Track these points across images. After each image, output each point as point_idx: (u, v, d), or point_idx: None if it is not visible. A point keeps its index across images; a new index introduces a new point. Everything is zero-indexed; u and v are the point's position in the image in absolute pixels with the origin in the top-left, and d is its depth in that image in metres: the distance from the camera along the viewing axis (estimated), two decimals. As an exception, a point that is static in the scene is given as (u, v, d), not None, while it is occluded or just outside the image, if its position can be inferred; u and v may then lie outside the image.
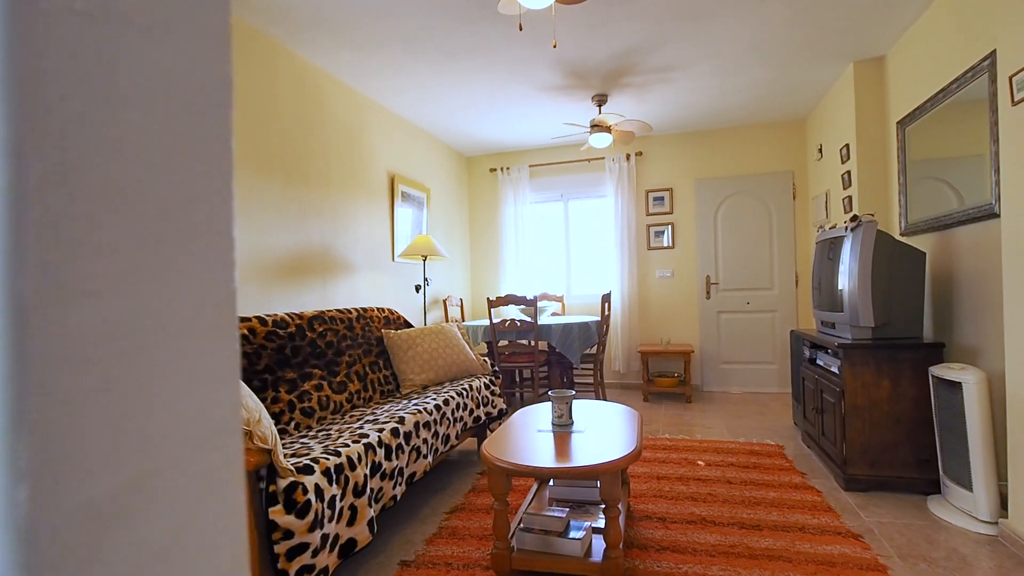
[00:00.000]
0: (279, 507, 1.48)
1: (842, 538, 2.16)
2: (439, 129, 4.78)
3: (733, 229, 5.02)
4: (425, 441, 2.31)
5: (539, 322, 4.25)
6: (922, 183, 3.09)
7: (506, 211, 5.42)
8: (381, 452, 1.96)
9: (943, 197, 2.87)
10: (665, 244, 5.16)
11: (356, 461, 1.79)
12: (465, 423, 2.82)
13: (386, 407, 2.51)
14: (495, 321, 4.14)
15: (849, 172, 3.78)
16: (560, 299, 5.25)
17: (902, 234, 3.29)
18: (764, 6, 2.86)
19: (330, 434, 2.06)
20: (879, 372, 2.66)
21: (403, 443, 2.12)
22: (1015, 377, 2.11)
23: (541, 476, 1.67)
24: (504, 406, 3.34)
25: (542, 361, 4.27)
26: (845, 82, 3.80)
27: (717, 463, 3.08)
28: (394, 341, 3.04)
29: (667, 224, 5.16)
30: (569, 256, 5.50)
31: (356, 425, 2.15)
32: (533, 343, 4.09)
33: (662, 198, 5.16)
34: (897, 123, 3.34)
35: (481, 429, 3.16)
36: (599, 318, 4.41)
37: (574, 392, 2.18)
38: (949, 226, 2.78)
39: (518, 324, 4.07)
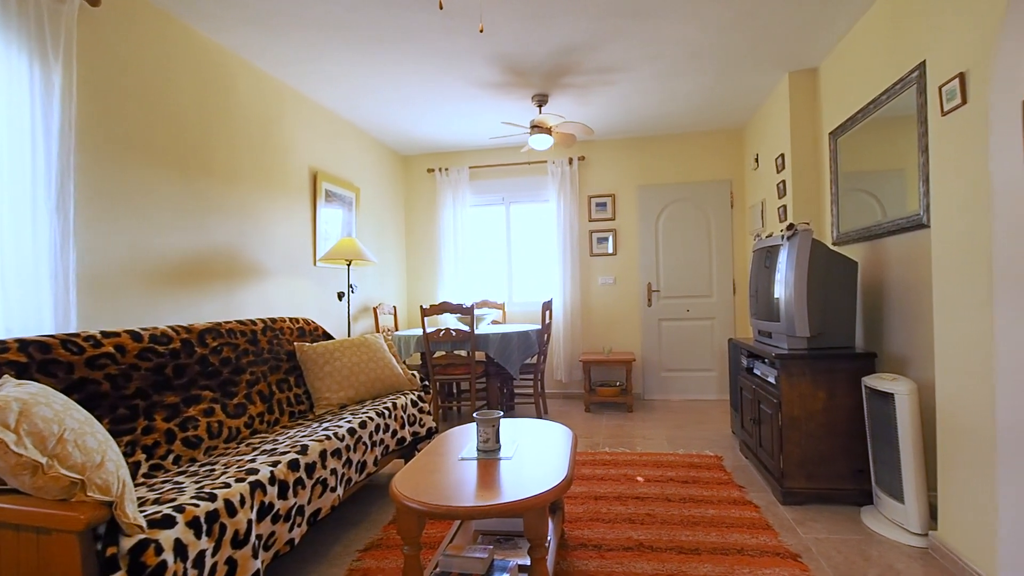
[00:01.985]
0: (120, 574, 1.18)
1: (781, 559, 2.06)
2: (371, 124, 4.48)
3: (674, 236, 5.00)
4: (334, 472, 2.03)
5: (477, 331, 4.03)
6: (851, 194, 3.12)
7: (445, 214, 5.18)
8: (273, 490, 1.67)
9: (870, 208, 2.89)
10: (608, 251, 5.08)
11: (237, 505, 1.50)
12: (387, 446, 2.56)
13: (291, 433, 2.21)
14: (429, 331, 3.89)
15: (784, 181, 3.80)
16: (501, 307, 5.05)
17: (834, 243, 3.31)
18: (705, 7, 2.78)
19: (214, 469, 1.75)
20: (815, 383, 2.62)
21: (304, 477, 1.84)
22: (944, 387, 2.08)
23: (456, 517, 1.44)
24: (434, 424, 3.09)
25: (479, 373, 4.05)
26: (780, 92, 3.82)
27: (656, 478, 2.96)
28: (308, 355, 2.72)
29: (610, 230, 5.08)
30: (511, 262, 5.32)
31: (249, 457, 1.85)
32: (470, 354, 3.87)
33: (605, 204, 5.08)
34: (829, 134, 3.37)
35: (409, 450, 2.90)
36: (540, 327, 4.25)
37: (501, 413, 1.97)
38: (879, 236, 2.79)
39: (453, 334, 3.83)
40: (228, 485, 1.54)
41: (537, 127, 3.80)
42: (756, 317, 3.18)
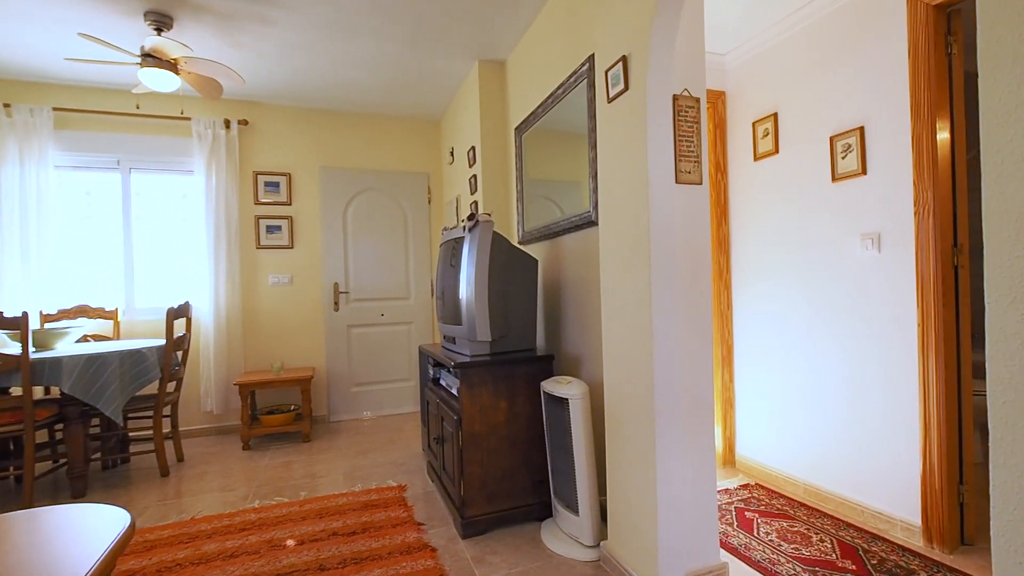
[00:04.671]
0: None
1: (453, 633, 1.57)
2: None
3: (366, 230, 4.38)
4: None
5: (45, 354, 2.57)
6: (534, 191, 3.02)
7: (7, 174, 3.35)
8: None
9: (550, 208, 2.81)
10: (282, 242, 4.11)
11: None
12: None
13: None
14: (-73, 358, 2.27)
15: (476, 176, 3.59)
16: (113, 315, 3.53)
17: (520, 242, 3.19)
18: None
19: None
20: (496, 392, 2.31)
21: None
22: (611, 385, 1.96)
23: None
24: None
25: (44, 419, 2.60)
26: (472, 82, 3.60)
27: (315, 536, 2.22)
28: None
29: (284, 217, 4.12)
30: (131, 252, 3.79)
31: None
32: (26, 391, 2.41)
33: (277, 184, 4.10)
34: (515, 129, 3.26)
35: None
36: (167, 342, 3.01)
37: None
38: (557, 234, 2.71)
39: (-18, 361, 2.32)
40: None
41: (152, 56, 2.63)
42: (443, 321, 2.77)
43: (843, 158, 2.34)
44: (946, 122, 2.02)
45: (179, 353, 3.34)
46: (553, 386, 2.19)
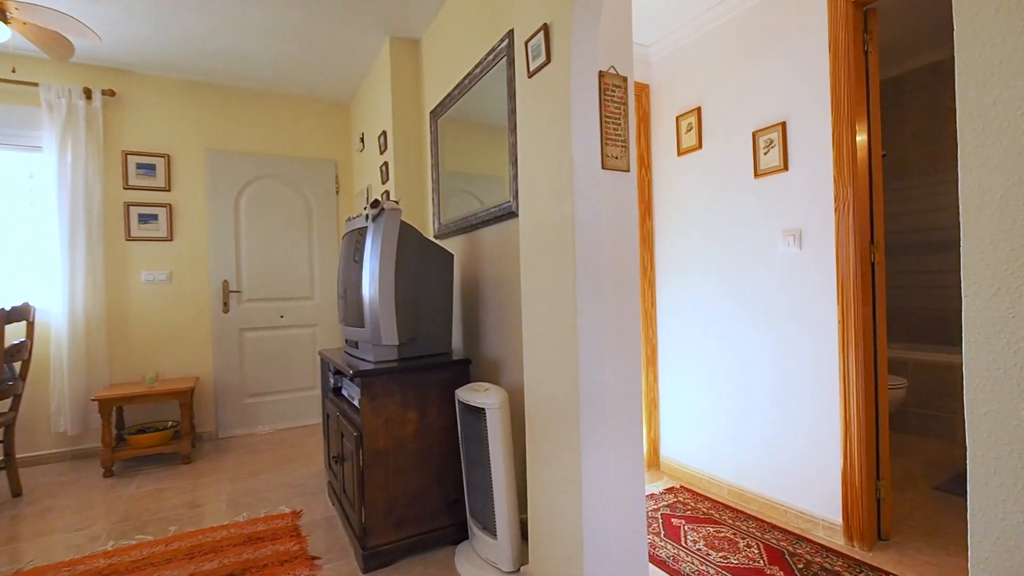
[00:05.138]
0: None
1: None
2: None
3: (262, 222, 3.90)
4: None
5: None
6: (453, 184, 2.77)
7: None
8: None
9: (468, 201, 2.57)
10: (159, 234, 3.55)
11: None
12: None
13: None
14: None
15: (387, 164, 3.27)
16: (-74, 319, 2.84)
17: (437, 236, 2.93)
18: None
19: None
20: (405, 402, 2.04)
21: None
22: (532, 391, 1.76)
23: None
24: None
25: None
26: (383, 61, 3.29)
27: (180, 587, 1.84)
28: None
29: (162, 205, 3.56)
30: (-34, 243, 3.12)
31: None
32: None
33: (153, 167, 3.54)
34: (430, 113, 2.99)
35: None
36: (-6, 352, 2.44)
37: None
38: (475, 227, 2.48)
39: None
40: None
41: (-32, -8, 2.09)
42: (345, 323, 2.45)
43: (765, 154, 2.30)
44: (864, 121, 2.02)
45: (16, 365, 2.74)
46: (469, 394, 1.96)
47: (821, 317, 2.10)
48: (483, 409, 1.89)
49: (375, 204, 2.11)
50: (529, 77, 1.77)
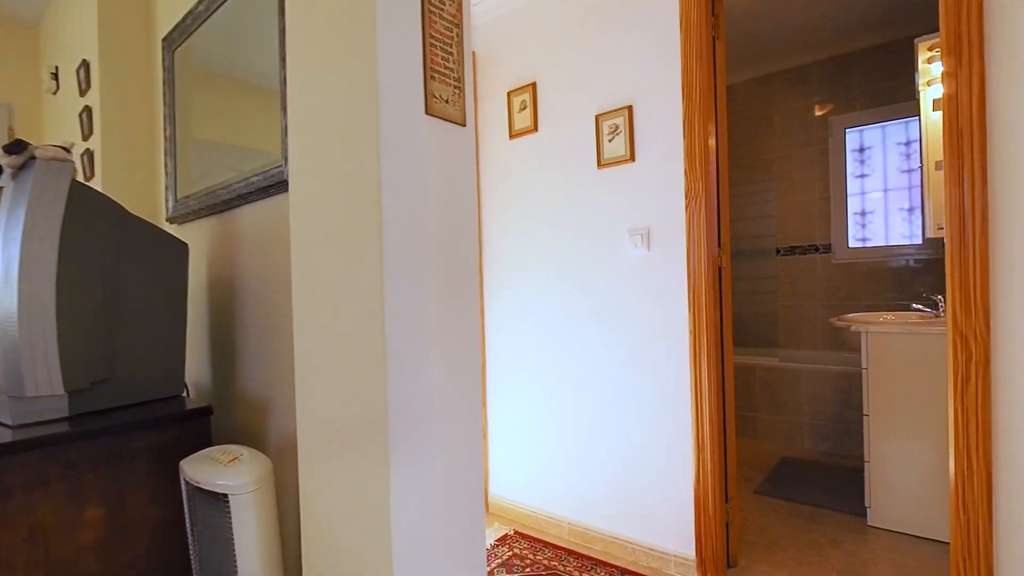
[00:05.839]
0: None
1: None
2: None
3: None
4: None
5: None
6: (204, 155, 1.88)
7: None
8: None
9: (222, 172, 1.73)
10: None
11: None
12: None
13: None
14: None
15: (89, 109, 2.18)
16: None
17: (171, 219, 1.98)
18: None
19: None
20: (78, 494, 1.16)
21: None
22: (310, 457, 1.09)
23: None
24: None
25: None
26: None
27: None
28: None
29: None
30: None
31: None
32: None
33: None
34: (163, 41, 2.03)
35: None
36: None
37: None
38: (231, 205, 1.66)
39: None
40: None
41: None
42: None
43: (610, 141, 1.99)
44: (711, 109, 1.81)
45: None
46: (203, 468, 1.18)
47: (671, 325, 1.84)
48: (224, 496, 1.13)
49: (16, 147, 1.18)
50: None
